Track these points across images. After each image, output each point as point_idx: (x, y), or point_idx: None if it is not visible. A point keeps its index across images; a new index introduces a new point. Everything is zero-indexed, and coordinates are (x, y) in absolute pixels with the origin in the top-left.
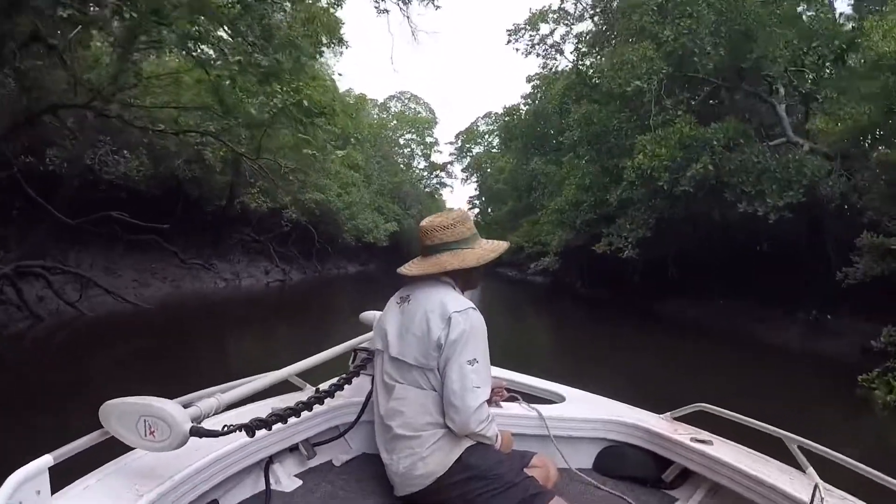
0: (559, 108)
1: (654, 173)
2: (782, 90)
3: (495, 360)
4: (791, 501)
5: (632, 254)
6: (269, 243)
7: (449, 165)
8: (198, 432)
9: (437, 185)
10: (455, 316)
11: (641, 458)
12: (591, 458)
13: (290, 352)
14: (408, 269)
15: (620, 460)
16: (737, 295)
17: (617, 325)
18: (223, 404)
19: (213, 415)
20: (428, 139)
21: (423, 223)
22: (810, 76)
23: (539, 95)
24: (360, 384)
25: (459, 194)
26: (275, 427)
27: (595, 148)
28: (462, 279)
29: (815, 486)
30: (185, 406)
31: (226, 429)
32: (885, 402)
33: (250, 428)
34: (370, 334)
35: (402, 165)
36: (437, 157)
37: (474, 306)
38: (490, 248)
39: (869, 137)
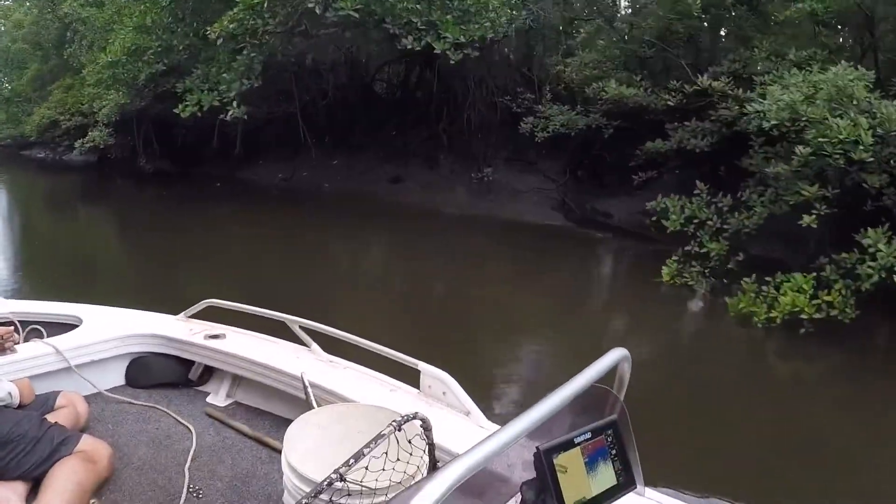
0: None
1: None
2: None
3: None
4: (292, 378)
5: (238, 113)
6: None
7: None
8: None
9: None
10: None
11: (167, 363)
12: (122, 375)
13: None
14: None
15: (148, 370)
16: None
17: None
18: None
19: None
20: None
21: None
22: None
23: None
24: None
25: None
26: None
27: None
28: None
29: (302, 376)
30: None
31: None
32: None
33: None
34: None
35: None
36: None
37: None
38: None
39: None
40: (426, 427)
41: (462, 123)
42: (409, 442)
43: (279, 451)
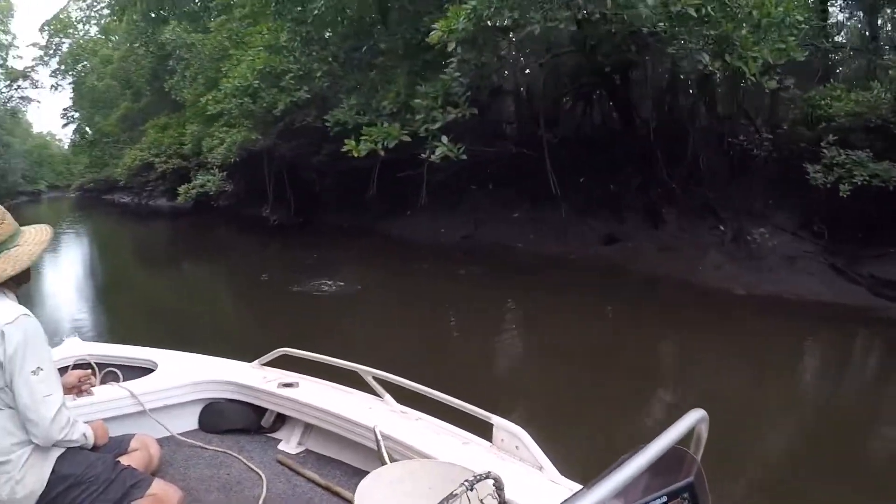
0: None
1: None
2: None
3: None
4: (365, 429)
5: (449, 151)
6: None
7: (33, 71)
8: None
9: (20, 101)
10: (8, 329)
11: (240, 409)
12: (195, 420)
13: None
14: None
15: (221, 416)
16: None
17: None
18: None
19: None
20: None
21: None
22: None
23: None
24: None
25: (50, 108)
26: None
27: None
28: (13, 281)
29: (374, 428)
30: None
31: None
32: None
33: None
34: None
35: None
36: (15, 63)
37: (26, 311)
38: (38, 240)
39: None
40: (498, 486)
41: (687, 169)
42: (481, 501)
43: (350, 502)
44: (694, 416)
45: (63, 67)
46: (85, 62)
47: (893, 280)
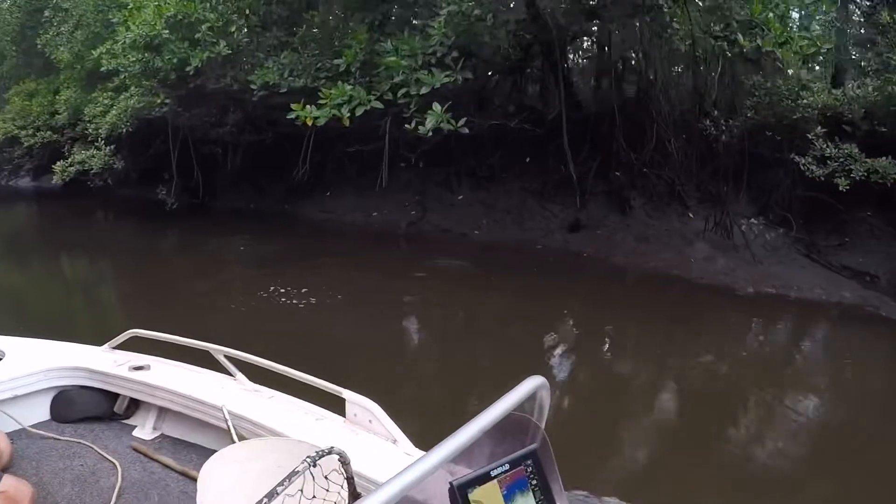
0: None
1: None
2: None
3: None
4: (216, 409)
5: (441, 122)
6: None
7: None
8: None
9: None
10: None
11: (92, 396)
12: (47, 410)
13: None
14: None
15: (73, 404)
16: None
17: None
18: None
19: None
20: None
21: None
22: None
23: None
24: None
25: None
26: None
27: None
28: None
29: (223, 408)
30: None
31: None
32: None
33: None
34: None
35: None
36: None
37: None
38: None
39: None
40: (343, 461)
41: (650, 152)
42: (326, 477)
43: None
44: (533, 383)
45: None
46: None
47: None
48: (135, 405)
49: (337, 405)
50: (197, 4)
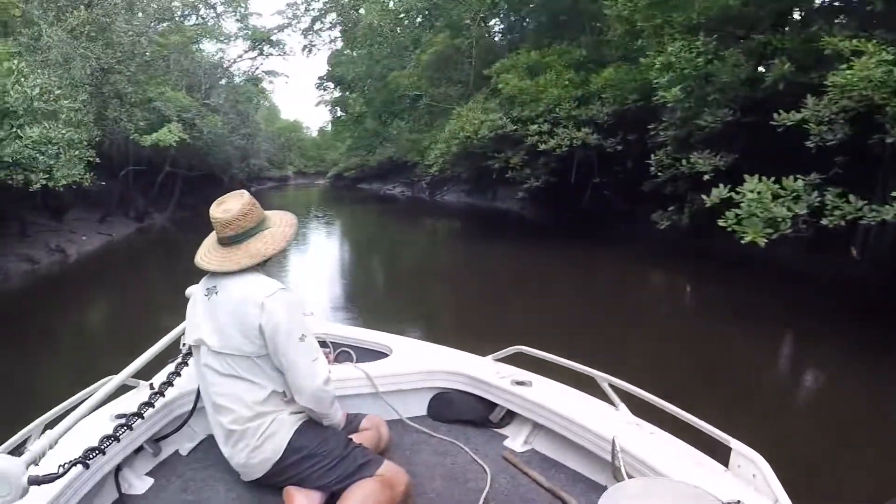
0: None
1: None
2: None
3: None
4: (598, 437)
5: None
6: None
7: (280, 32)
8: (37, 481)
9: (265, 74)
10: (268, 301)
11: (470, 402)
12: (424, 406)
13: None
14: (218, 264)
15: (450, 406)
16: None
17: None
18: (56, 438)
19: (50, 449)
20: None
21: (218, 214)
22: None
23: None
24: (192, 370)
25: (298, 78)
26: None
27: None
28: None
29: (613, 440)
30: (16, 452)
31: (65, 468)
32: None
33: (87, 459)
34: None
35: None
36: (255, 20)
37: (283, 285)
38: (288, 222)
39: None
40: None
41: None
42: None
43: None
44: None
45: (325, 18)
46: (358, 6)
47: None
48: (510, 416)
49: (718, 452)
50: None
